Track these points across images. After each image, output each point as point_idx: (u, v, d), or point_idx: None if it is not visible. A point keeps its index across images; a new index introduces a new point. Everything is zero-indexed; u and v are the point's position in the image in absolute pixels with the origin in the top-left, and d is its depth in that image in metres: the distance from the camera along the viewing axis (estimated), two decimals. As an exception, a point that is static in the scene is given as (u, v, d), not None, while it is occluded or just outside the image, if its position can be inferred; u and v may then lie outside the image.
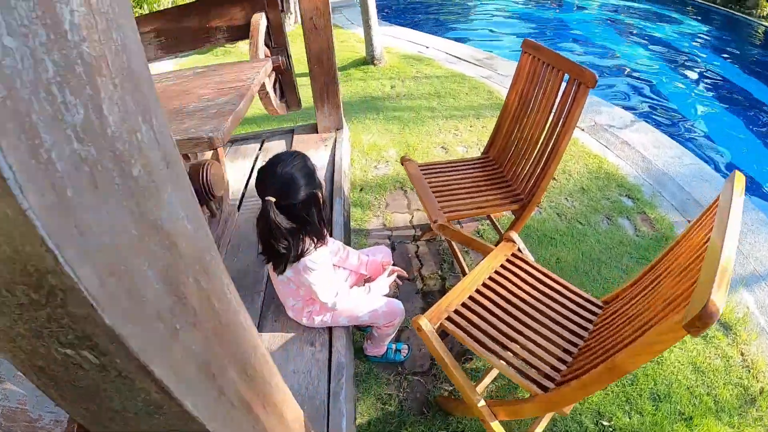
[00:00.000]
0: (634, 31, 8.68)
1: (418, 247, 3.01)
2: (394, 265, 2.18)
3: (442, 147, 3.95)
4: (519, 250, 2.07)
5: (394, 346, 2.37)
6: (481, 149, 3.74)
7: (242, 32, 3.04)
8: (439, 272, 2.80)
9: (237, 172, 3.56)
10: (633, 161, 3.72)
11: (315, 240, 1.78)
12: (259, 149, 3.84)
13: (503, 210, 2.43)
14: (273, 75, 3.32)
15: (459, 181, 2.56)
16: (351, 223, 3.20)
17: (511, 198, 2.36)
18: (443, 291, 2.68)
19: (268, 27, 3.08)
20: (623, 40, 8.17)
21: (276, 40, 3.19)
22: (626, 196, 3.30)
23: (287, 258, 1.77)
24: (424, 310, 2.58)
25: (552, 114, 2.28)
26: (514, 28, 8.79)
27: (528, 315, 1.81)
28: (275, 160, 1.72)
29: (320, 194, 1.76)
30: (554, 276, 1.98)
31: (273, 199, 1.66)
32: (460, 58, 5.97)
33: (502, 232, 2.64)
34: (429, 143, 4.02)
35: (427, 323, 1.76)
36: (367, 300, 2.03)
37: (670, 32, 8.42)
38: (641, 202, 3.23)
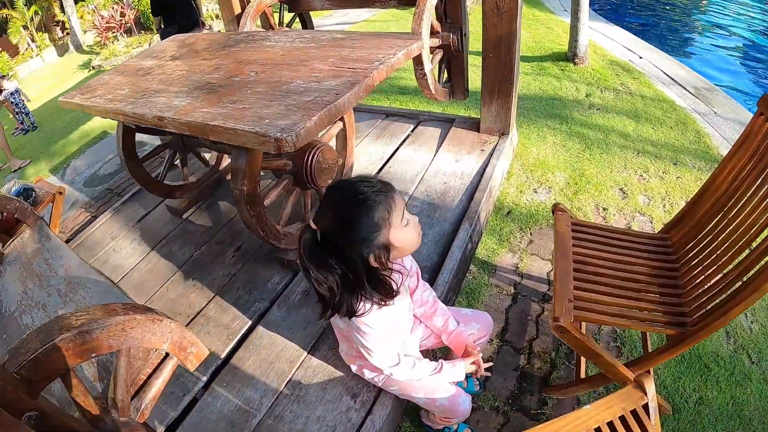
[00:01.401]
0: None
1: (543, 309, 2.40)
2: (504, 332, 1.65)
3: (621, 189, 3.19)
4: (646, 407, 1.43)
5: (454, 427, 1.88)
6: (667, 207, 2.97)
7: (417, -2, 2.60)
8: (553, 354, 2.20)
9: (377, 150, 3.21)
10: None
11: (373, 301, 1.34)
12: (411, 131, 3.43)
13: (654, 331, 1.74)
14: (439, 54, 2.84)
15: (614, 262, 1.88)
16: (478, 252, 2.69)
17: (673, 317, 1.65)
18: (546, 381, 2.10)
19: (444, -3, 2.61)
20: None
21: (451, 15, 2.70)
22: (821, 335, 2.33)
23: (330, 305, 1.36)
24: (513, 395, 2.07)
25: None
26: (740, 55, 7.20)
27: None
28: (348, 185, 1.27)
29: (372, 259, 1.28)
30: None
31: (314, 227, 1.25)
32: (674, 80, 4.92)
33: (649, 349, 1.95)
34: (607, 179, 3.28)
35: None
36: (430, 382, 1.57)
37: None
38: (836, 354, 2.25)
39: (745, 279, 1.49)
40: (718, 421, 1.95)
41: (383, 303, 1.34)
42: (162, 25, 5.08)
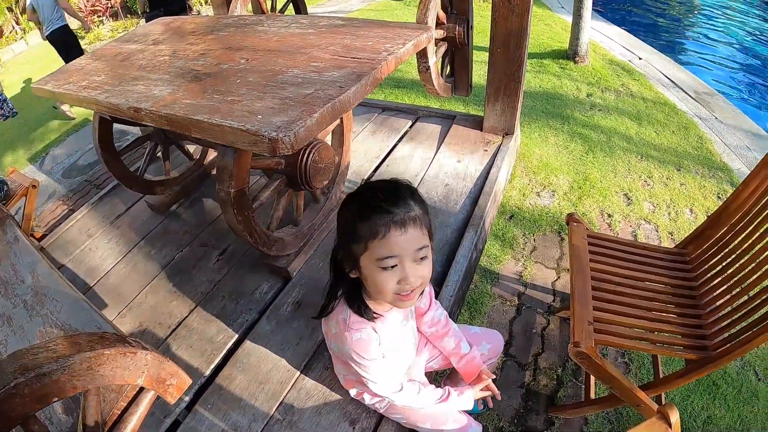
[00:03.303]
0: None
1: (548, 322, 2.26)
2: (508, 346, 1.51)
3: (626, 195, 3.07)
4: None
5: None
6: (672, 215, 2.86)
7: (420, -15, 2.42)
8: (560, 370, 2.06)
9: (373, 147, 3.03)
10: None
11: (351, 307, 1.22)
12: (410, 127, 3.26)
13: (675, 355, 1.61)
14: (443, 47, 2.67)
15: (632, 279, 1.75)
16: (481, 259, 2.54)
17: (693, 341, 1.52)
18: (553, 400, 1.96)
19: (449, -14, 2.45)
20: None
21: (457, 5, 2.53)
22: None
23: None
24: (518, 414, 1.93)
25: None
26: (736, 59, 7.16)
27: None
28: (379, 184, 1.12)
29: (346, 265, 1.15)
30: None
31: None
32: (675, 83, 4.83)
33: (660, 368, 1.82)
34: (611, 184, 3.15)
35: None
36: (437, 410, 1.42)
37: None
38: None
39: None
40: (726, 442, 1.87)
41: (362, 321, 1.21)
42: (147, 9, 4.89)
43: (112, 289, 2.35)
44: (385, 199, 1.04)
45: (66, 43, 5.48)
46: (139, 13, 5.20)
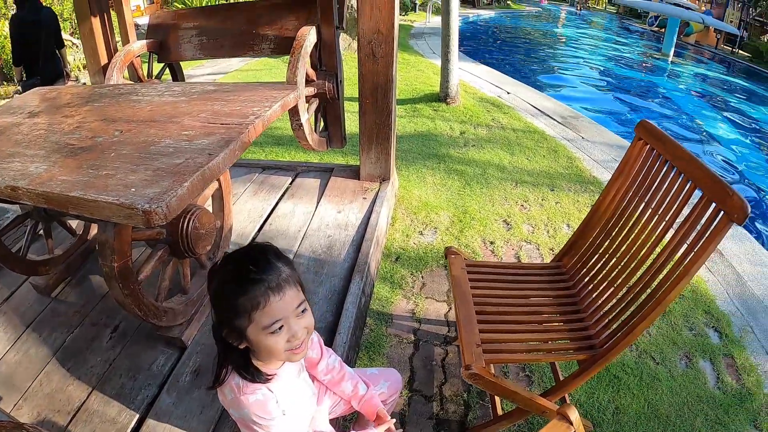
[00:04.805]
0: (729, 110, 7.69)
1: (447, 352, 2.36)
2: (412, 382, 1.63)
3: (505, 221, 3.30)
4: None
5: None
6: (550, 232, 3.11)
7: (291, 45, 2.54)
8: (465, 395, 2.15)
9: (255, 207, 3.05)
10: (724, 278, 2.87)
11: (243, 377, 1.22)
12: (290, 183, 3.33)
13: (566, 359, 1.76)
14: (315, 103, 2.78)
15: (515, 298, 1.90)
16: (372, 303, 2.61)
17: (581, 342, 1.68)
18: (463, 424, 2.04)
19: (319, 44, 2.56)
20: (715, 118, 7.23)
21: (326, 61, 2.66)
22: (713, 327, 2.50)
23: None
24: (432, 444, 2.00)
25: (666, 238, 1.62)
26: (598, 83, 8.02)
27: None
28: (245, 254, 1.15)
29: (230, 339, 1.17)
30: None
31: None
32: (542, 112, 5.30)
33: (559, 373, 1.97)
34: (490, 213, 3.38)
35: None
36: (347, 456, 1.45)
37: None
38: (729, 340, 2.44)
39: (644, 297, 1.55)
40: (638, 426, 2.01)
41: (257, 383, 1.22)
42: (24, 77, 4.70)
43: (5, 380, 2.17)
44: (255, 268, 1.09)
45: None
46: (15, 81, 4.99)
